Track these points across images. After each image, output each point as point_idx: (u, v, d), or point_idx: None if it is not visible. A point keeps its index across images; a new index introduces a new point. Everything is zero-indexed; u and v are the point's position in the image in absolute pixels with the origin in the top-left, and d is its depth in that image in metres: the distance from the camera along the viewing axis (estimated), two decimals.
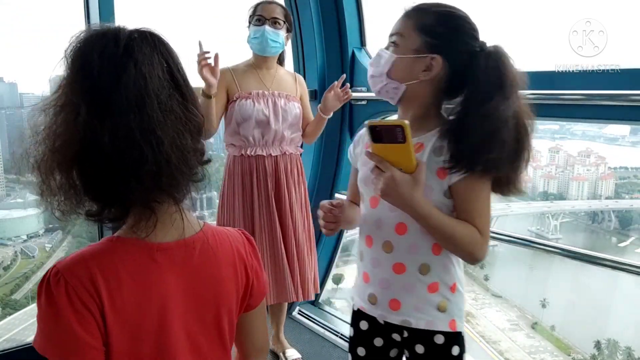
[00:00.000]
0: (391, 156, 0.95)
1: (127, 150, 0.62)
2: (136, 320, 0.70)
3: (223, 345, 0.80)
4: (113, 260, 0.70)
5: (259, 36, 1.92)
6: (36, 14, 3.26)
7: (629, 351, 3.28)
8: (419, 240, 1.06)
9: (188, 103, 0.69)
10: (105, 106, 0.63)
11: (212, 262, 0.78)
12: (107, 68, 0.63)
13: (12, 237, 4.28)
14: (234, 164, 2.00)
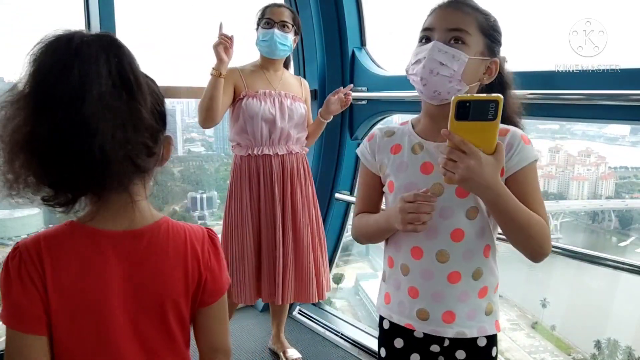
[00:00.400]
0: (472, 136, 0.88)
1: (64, 142, 0.67)
2: (76, 301, 0.75)
3: (171, 337, 0.83)
4: (61, 242, 0.76)
5: (268, 39, 1.94)
6: (36, 14, 3.26)
7: (630, 351, 3.27)
8: (473, 245, 1.04)
9: (135, 101, 0.72)
10: (47, 100, 0.68)
11: (158, 255, 0.80)
12: (55, 67, 0.68)
13: (12, 237, 4.28)
14: (240, 164, 2.01)
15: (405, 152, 1.09)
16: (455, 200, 1.02)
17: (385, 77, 2.39)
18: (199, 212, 5.09)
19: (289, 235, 2.04)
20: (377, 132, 1.16)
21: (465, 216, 1.03)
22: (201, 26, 4.16)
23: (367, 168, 1.16)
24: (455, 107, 0.87)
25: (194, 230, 0.86)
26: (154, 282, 0.80)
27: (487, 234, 1.05)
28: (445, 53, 1.00)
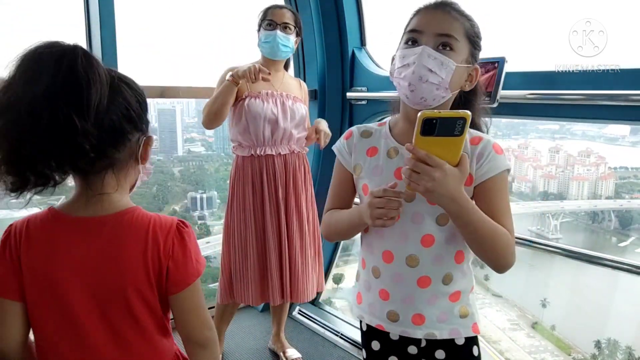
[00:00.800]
0: (437, 149, 0.89)
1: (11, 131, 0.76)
2: (42, 281, 0.84)
3: (139, 323, 0.88)
4: (38, 225, 0.86)
5: (270, 40, 1.95)
6: (36, 14, 3.26)
7: (630, 351, 3.28)
8: (443, 251, 1.04)
9: (113, 107, 0.81)
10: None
11: (118, 242, 0.86)
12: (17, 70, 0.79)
13: None
14: (243, 165, 2.01)
15: (381, 156, 1.09)
16: (426, 207, 1.02)
17: (385, 77, 2.38)
18: (199, 212, 5.09)
19: (293, 235, 2.04)
20: (354, 130, 1.15)
21: (436, 222, 1.03)
22: (201, 26, 4.16)
23: (343, 166, 1.15)
24: (421, 124, 0.86)
25: (162, 220, 0.89)
26: (114, 269, 0.85)
27: (458, 240, 1.05)
28: (435, 59, 0.97)
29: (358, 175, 1.12)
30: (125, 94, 0.85)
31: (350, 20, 2.47)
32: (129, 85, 0.88)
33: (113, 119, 0.82)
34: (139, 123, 0.88)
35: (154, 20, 3.93)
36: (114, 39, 1.97)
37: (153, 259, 0.86)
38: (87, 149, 0.77)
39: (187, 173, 5.12)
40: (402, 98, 1.05)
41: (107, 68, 0.83)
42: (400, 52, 1.02)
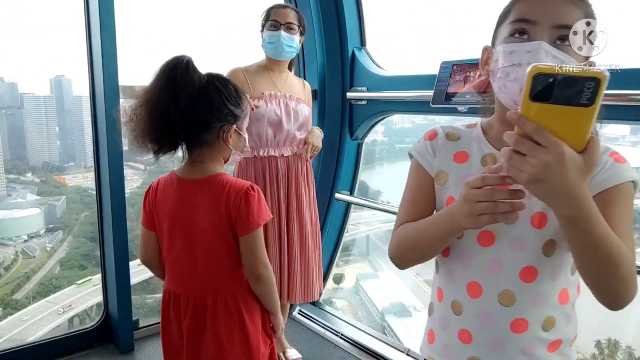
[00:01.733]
0: (554, 124, 0.63)
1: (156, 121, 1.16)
2: (159, 217, 1.27)
3: (212, 250, 1.23)
4: (162, 181, 1.29)
5: (275, 41, 1.95)
6: (36, 14, 3.26)
7: (630, 350, 3.27)
8: (547, 288, 0.84)
9: (201, 106, 1.17)
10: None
11: (205, 196, 1.22)
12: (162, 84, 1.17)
13: (12, 237, 4.28)
14: (246, 166, 2.01)
15: (473, 163, 0.89)
16: (530, 231, 0.82)
17: (385, 77, 2.39)
18: None
19: (294, 236, 2.05)
20: (439, 130, 0.95)
21: (542, 251, 0.82)
22: (201, 26, 4.16)
23: (424, 169, 0.93)
24: (531, 82, 0.62)
25: (237, 184, 1.21)
26: (197, 212, 1.21)
27: (564, 275, 0.85)
28: (554, 58, 0.77)
29: (442, 184, 0.91)
30: (211, 94, 1.18)
31: (350, 20, 2.47)
32: (217, 87, 1.19)
33: (200, 112, 1.17)
34: (221, 115, 1.20)
35: (154, 21, 3.93)
36: (114, 39, 1.98)
37: (227, 209, 1.19)
38: (180, 133, 1.17)
39: None
40: (505, 102, 0.83)
41: (207, 73, 1.19)
42: (504, 46, 0.80)
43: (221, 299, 1.24)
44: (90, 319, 3.10)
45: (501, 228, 0.82)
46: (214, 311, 1.24)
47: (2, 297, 4.08)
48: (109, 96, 2.00)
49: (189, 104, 1.13)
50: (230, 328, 1.24)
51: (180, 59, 1.13)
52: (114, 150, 2.04)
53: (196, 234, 1.22)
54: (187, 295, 1.26)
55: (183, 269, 1.26)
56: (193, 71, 1.14)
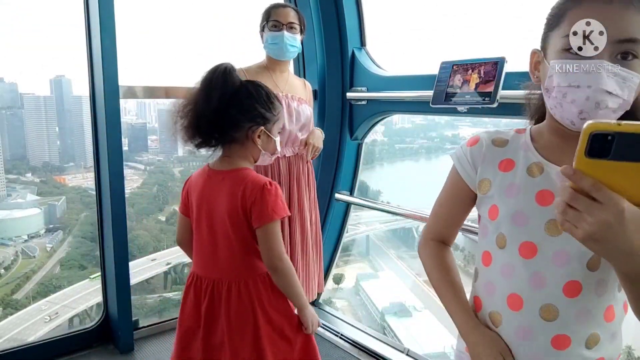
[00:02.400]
0: (612, 179, 0.58)
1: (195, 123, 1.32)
2: (192, 203, 1.38)
3: (229, 239, 1.32)
4: (197, 174, 1.42)
5: (279, 42, 1.95)
6: (36, 14, 3.26)
7: (629, 350, 3.28)
8: (591, 304, 0.80)
9: (232, 107, 1.30)
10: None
11: (227, 187, 1.32)
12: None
13: (12, 237, 4.28)
14: None
15: (519, 172, 0.85)
16: (574, 245, 0.76)
17: (385, 77, 2.39)
18: None
19: (296, 236, 2.05)
20: (484, 137, 0.90)
21: (586, 266, 0.79)
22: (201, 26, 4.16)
23: (461, 178, 0.91)
24: (588, 140, 0.58)
25: (255, 179, 1.31)
26: (222, 202, 1.31)
27: (610, 291, 0.81)
28: (616, 76, 0.71)
29: (485, 193, 0.88)
30: (242, 96, 1.30)
31: (350, 20, 2.47)
32: (249, 91, 1.32)
33: (231, 112, 1.29)
34: (250, 116, 1.32)
35: (154, 21, 3.93)
36: (114, 39, 1.97)
37: (242, 200, 1.28)
38: (212, 130, 1.31)
39: (187, 173, 5.11)
40: (561, 120, 0.79)
41: (247, 80, 1.35)
42: (560, 63, 0.75)
43: (235, 287, 1.32)
44: (90, 319, 3.10)
45: (545, 240, 0.80)
46: (228, 298, 1.32)
47: (2, 297, 4.08)
48: (109, 96, 2.00)
49: (219, 104, 1.27)
50: (241, 317, 1.31)
51: (221, 65, 1.29)
52: (114, 150, 2.04)
53: (217, 221, 1.33)
54: (207, 279, 1.35)
55: (206, 253, 1.36)
56: (228, 76, 1.29)
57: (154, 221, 4.98)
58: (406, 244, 6.60)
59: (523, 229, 0.82)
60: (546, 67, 0.79)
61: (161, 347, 2.27)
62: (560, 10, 0.77)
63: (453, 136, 6.33)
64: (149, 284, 4.68)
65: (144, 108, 5.20)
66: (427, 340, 5.07)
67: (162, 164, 5.00)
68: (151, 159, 5.03)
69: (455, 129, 6.36)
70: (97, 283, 4.63)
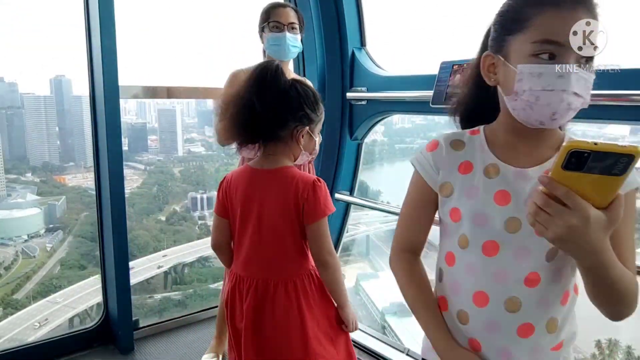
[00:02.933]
0: (582, 187, 0.67)
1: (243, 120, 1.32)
2: (235, 203, 1.37)
3: (277, 236, 1.32)
4: (237, 173, 1.39)
5: (281, 43, 1.95)
6: (36, 14, 3.26)
7: (629, 350, 3.28)
8: (549, 292, 0.85)
9: (279, 106, 1.29)
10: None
11: (275, 185, 1.32)
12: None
13: (13, 237, 4.28)
14: None
15: (477, 174, 0.89)
16: (534, 240, 0.82)
17: (385, 77, 2.39)
18: (199, 212, 5.09)
19: None
20: (441, 141, 0.94)
21: (545, 258, 0.84)
22: (201, 26, 4.16)
23: (425, 183, 0.94)
24: (566, 156, 0.65)
25: (304, 177, 1.32)
26: (269, 200, 1.31)
27: (565, 278, 0.87)
28: (581, 79, 0.78)
29: (447, 195, 0.92)
30: (292, 96, 1.30)
31: (350, 20, 2.47)
32: (298, 91, 1.31)
33: (279, 110, 1.29)
34: (297, 116, 1.32)
35: (154, 21, 3.93)
36: (114, 39, 1.97)
37: (295, 199, 1.28)
38: (263, 129, 1.30)
39: (187, 173, 5.12)
40: (525, 120, 0.83)
41: (293, 78, 1.34)
42: (532, 67, 0.78)
43: (282, 285, 1.32)
44: (91, 318, 3.10)
45: (506, 238, 0.85)
46: (274, 296, 1.32)
47: (3, 297, 4.08)
48: (109, 96, 2.00)
49: (271, 102, 1.28)
50: (287, 315, 1.32)
51: (271, 63, 1.31)
52: (114, 150, 2.04)
53: (265, 221, 1.32)
54: (250, 278, 1.35)
55: (250, 253, 1.35)
56: (280, 74, 1.29)
57: (154, 221, 4.98)
58: None
59: (484, 228, 0.86)
60: (510, 71, 0.81)
61: (161, 347, 2.27)
62: (521, 15, 0.80)
63: None
64: (149, 284, 4.68)
65: (144, 108, 5.20)
66: None
67: (162, 164, 5.01)
68: (151, 158, 5.03)
69: (455, 129, 6.37)
70: (86, 288, 4.63)
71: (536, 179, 0.78)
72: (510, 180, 0.86)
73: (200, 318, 2.52)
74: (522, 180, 0.85)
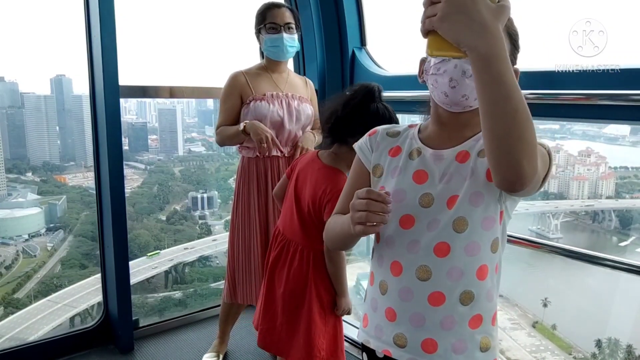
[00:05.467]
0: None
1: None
2: (294, 172, 1.64)
3: (300, 215, 1.56)
4: (304, 156, 1.67)
5: (278, 44, 1.95)
6: (36, 13, 3.27)
7: (630, 349, 3.28)
8: (462, 263, 0.89)
9: (359, 117, 1.45)
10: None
11: (315, 177, 1.54)
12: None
13: (13, 237, 4.29)
14: (248, 165, 2.01)
15: (402, 157, 0.99)
16: (444, 212, 0.90)
17: (385, 77, 2.39)
18: (200, 212, 5.09)
19: None
20: (380, 129, 1.05)
21: (452, 228, 0.89)
22: (201, 27, 4.17)
23: (362, 164, 1.04)
24: None
25: (338, 184, 1.44)
26: (310, 188, 1.53)
27: (482, 252, 0.90)
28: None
29: (378, 176, 1.01)
30: (370, 115, 1.43)
31: (350, 20, 2.47)
32: (377, 113, 1.44)
33: (355, 121, 1.44)
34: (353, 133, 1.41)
35: (154, 21, 3.94)
36: (114, 38, 1.98)
37: (321, 197, 1.49)
38: (340, 129, 1.49)
39: (187, 173, 5.12)
40: (438, 98, 0.92)
41: (383, 104, 1.46)
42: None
43: (300, 251, 1.57)
44: (92, 317, 3.11)
45: (421, 212, 0.92)
46: (292, 259, 1.57)
47: (4, 296, 4.09)
48: (109, 95, 2.00)
49: (352, 113, 1.45)
50: (297, 280, 1.56)
51: (375, 86, 1.48)
52: (114, 149, 2.04)
53: (301, 197, 1.57)
54: (283, 235, 1.61)
55: (288, 214, 1.61)
56: (377, 97, 1.46)
57: (155, 220, 4.99)
58: None
59: (401, 204, 0.93)
60: (429, 63, 0.93)
61: (161, 347, 2.27)
62: None
63: None
64: (149, 284, 4.68)
65: (144, 107, 5.21)
66: None
67: (163, 164, 5.01)
68: (151, 158, 5.04)
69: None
70: (150, 261, 4.68)
71: (450, 159, 0.91)
72: (429, 162, 0.95)
73: (201, 317, 2.53)
74: (439, 161, 0.93)
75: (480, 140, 0.88)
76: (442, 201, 0.91)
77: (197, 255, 4.87)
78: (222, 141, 2.02)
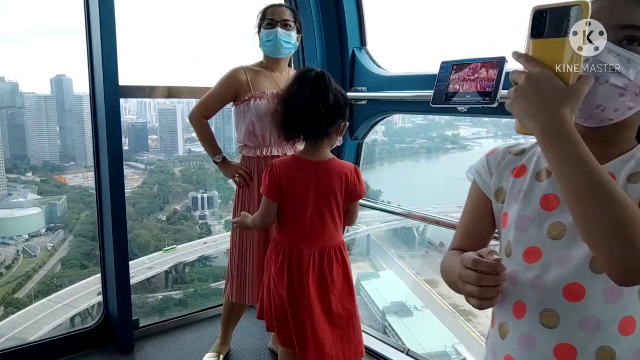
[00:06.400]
0: (545, 56, 0.68)
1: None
2: (292, 190, 1.60)
3: (332, 215, 1.63)
4: (288, 163, 1.63)
5: (272, 38, 1.95)
6: (36, 14, 3.27)
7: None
8: (600, 311, 0.72)
9: (336, 107, 1.55)
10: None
11: (328, 173, 1.61)
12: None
13: (14, 237, 4.29)
14: (249, 165, 2.01)
15: (528, 178, 0.83)
16: (579, 246, 0.73)
17: (385, 77, 2.39)
18: (200, 212, 5.10)
19: None
20: (500, 148, 0.90)
21: (589, 267, 0.73)
22: (201, 27, 4.17)
23: (480, 189, 0.89)
24: (531, 20, 0.68)
25: (349, 165, 1.64)
26: (327, 186, 1.60)
27: (625, 299, 0.72)
28: (618, 56, 0.71)
29: (501, 201, 0.86)
30: (338, 98, 1.55)
31: (350, 20, 2.47)
32: (340, 91, 1.57)
33: (335, 111, 1.54)
34: (342, 114, 1.58)
35: (154, 21, 3.94)
36: (114, 38, 1.97)
37: (346, 183, 1.61)
38: (324, 125, 1.55)
39: (187, 173, 5.13)
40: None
41: (333, 82, 1.55)
42: None
43: (337, 248, 1.68)
44: (92, 317, 3.11)
45: (549, 244, 0.77)
46: (331, 258, 1.65)
47: (4, 296, 4.09)
48: (109, 95, 2.00)
49: (332, 105, 1.53)
50: (339, 269, 1.68)
51: (320, 70, 1.54)
52: (114, 149, 2.04)
53: (324, 200, 1.61)
54: (309, 249, 1.63)
55: (308, 228, 1.62)
56: (331, 81, 1.54)
57: (155, 220, 4.99)
58: (407, 243, 6.60)
59: (527, 234, 0.79)
60: None
61: (161, 347, 2.27)
62: None
63: (453, 136, 6.34)
64: (150, 284, 4.69)
65: (144, 107, 5.21)
66: (427, 340, 5.08)
67: (163, 164, 5.02)
68: (152, 158, 5.04)
69: (455, 129, 6.37)
70: (168, 254, 4.66)
71: None
72: None
73: (201, 317, 2.53)
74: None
75: (630, 162, 0.74)
76: (576, 232, 0.71)
77: (197, 256, 4.87)
78: (196, 132, 2.07)
